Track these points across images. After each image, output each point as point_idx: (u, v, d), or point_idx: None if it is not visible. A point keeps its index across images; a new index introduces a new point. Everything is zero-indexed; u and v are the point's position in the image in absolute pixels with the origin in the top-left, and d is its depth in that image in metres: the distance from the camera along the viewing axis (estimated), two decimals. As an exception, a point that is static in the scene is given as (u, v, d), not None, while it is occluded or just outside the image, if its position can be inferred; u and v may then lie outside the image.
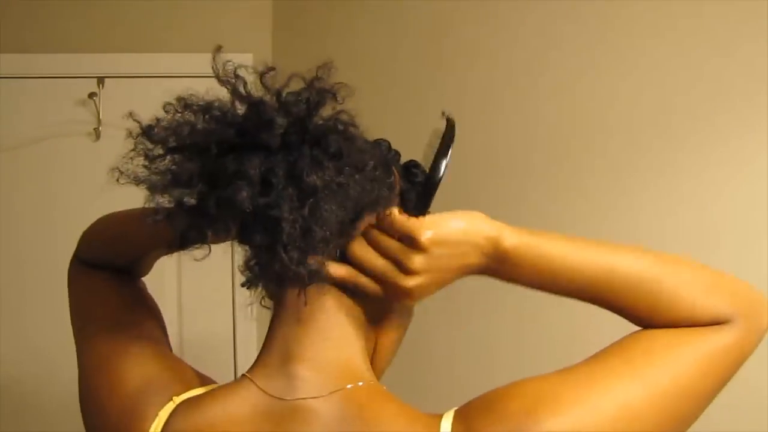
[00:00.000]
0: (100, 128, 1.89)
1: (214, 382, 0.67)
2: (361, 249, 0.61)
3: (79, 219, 0.78)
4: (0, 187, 1.89)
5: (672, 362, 0.57)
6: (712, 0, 1.45)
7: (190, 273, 1.85)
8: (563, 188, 1.57)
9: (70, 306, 0.78)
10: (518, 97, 1.64)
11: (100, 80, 1.88)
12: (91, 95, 1.88)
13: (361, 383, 0.59)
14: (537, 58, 1.62)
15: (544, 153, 1.60)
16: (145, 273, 0.84)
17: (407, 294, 0.60)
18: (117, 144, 0.65)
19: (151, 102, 0.63)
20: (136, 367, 0.65)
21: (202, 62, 2.29)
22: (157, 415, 0.60)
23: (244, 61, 0.60)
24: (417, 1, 1.76)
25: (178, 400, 0.61)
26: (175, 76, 1.92)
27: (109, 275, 0.79)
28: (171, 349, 0.73)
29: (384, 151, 0.70)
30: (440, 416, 0.56)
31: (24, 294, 1.84)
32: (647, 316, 0.60)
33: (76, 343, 0.74)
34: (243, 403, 0.59)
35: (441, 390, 1.62)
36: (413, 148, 0.68)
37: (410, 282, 0.59)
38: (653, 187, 1.49)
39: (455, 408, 0.57)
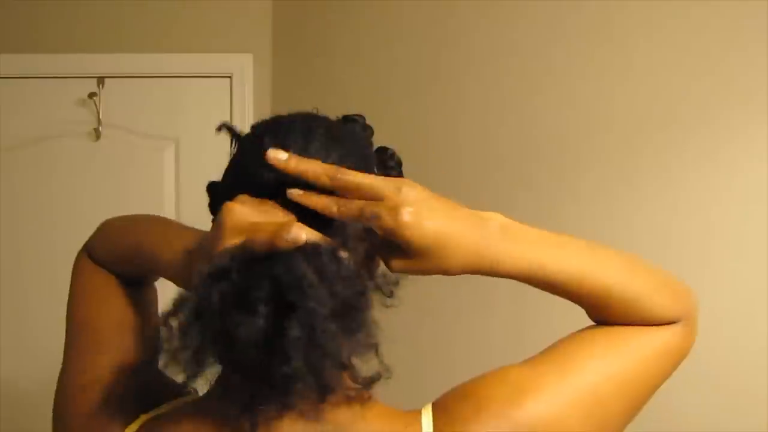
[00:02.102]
0: (100, 128, 1.89)
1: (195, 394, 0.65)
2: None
3: (79, 218, 0.79)
4: (0, 187, 1.89)
5: (629, 354, 0.61)
6: (714, 0, 1.45)
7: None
8: (564, 187, 1.57)
9: (72, 300, 0.73)
10: (519, 96, 1.64)
11: (100, 80, 1.89)
12: (91, 95, 1.88)
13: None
14: (538, 58, 1.62)
15: (545, 152, 1.60)
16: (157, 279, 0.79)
17: (404, 224, 0.54)
18: (117, 144, 0.65)
19: (151, 102, 0.62)
20: (109, 384, 0.64)
21: (202, 62, 2.31)
22: (123, 430, 0.60)
23: (244, 61, 0.58)
24: (417, 0, 1.76)
25: (145, 417, 0.60)
26: (175, 76, 1.93)
27: (120, 283, 0.73)
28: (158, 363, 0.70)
29: (359, 131, 0.68)
30: (418, 412, 0.56)
31: (24, 293, 1.85)
32: (609, 316, 0.62)
33: (66, 342, 0.71)
34: (212, 417, 0.57)
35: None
36: (414, 145, 0.68)
37: (403, 212, 0.54)
38: (653, 187, 1.49)
39: (431, 402, 0.58)
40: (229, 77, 1.92)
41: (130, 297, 0.73)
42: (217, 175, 0.65)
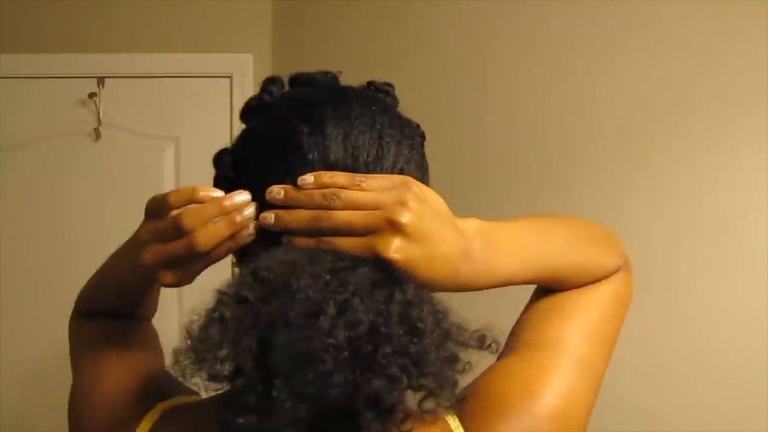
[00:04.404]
0: (100, 128, 1.89)
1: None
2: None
3: (79, 218, 0.78)
4: (0, 186, 1.89)
5: (596, 314, 0.65)
6: (715, 0, 1.45)
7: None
8: (563, 186, 1.57)
9: (72, 360, 0.74)
10: (525, 94, 1.64)
11: (100, 80, 1.89)
12: (91, 95, 1.88)
13: None
14: (539, 59, 1.62)
15: (548, 150, 1.60)
16: (152, 313, 0.80)
17: (402, 227, 0.50)
18: (117, 144, 0.65)
19: (151, 102, 0.62)
20: (118, 378, 0.64)
21: (202, 62, 2.30)
22: (143, 418, 0.59)
23: (244, 61, 0.57)
24: (418, 1, 1.76)
25: (163, 406, 0.60)
26: (175, 76, 1.93)
27: (108, 317, 0.75)
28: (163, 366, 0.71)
29: (390, 102, 0.67)
30: (443, 420, 0.56)
31: (25, 293, 1.84)
32: (564, 288, 0.66)
33: (73, 381, 0.71)
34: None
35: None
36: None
37: (404, 214, 0.50)
38: (652, 185, 1.49)
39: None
40: (229, 77, 1.92)
41: (121, 320, 0.74)
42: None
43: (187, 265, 0.54)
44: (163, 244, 0.53)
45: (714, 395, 1.39)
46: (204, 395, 0.63)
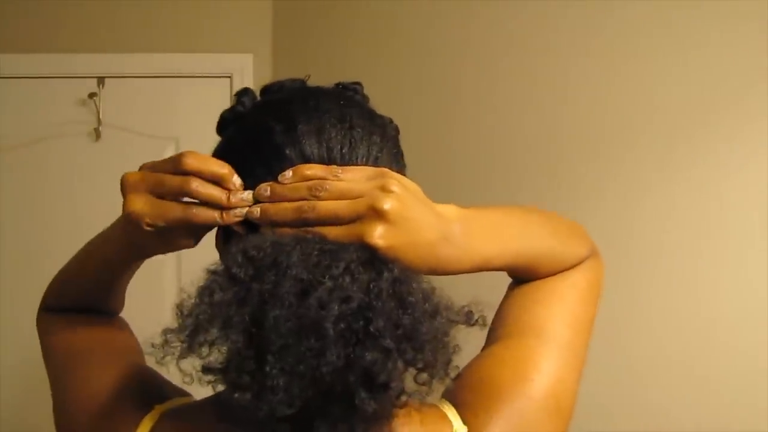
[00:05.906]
0: (100, 128, 1.89)
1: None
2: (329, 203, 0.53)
3: (78, 219, 0.78)
4: (0, 186, 1.89)
5: (574, 301, 0.67)
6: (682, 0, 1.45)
7: (190, 271, 1.85)
8: (560, 187, 1.57)
9: (44, 356, 0.72)
10: (522, 97, 1.64)
11: (100, 80, 1.89)
12: (91, 95, 1.88)
13: None
14: (541, 59, 1.62)
15: (542, 150, 1.60)
16: (119, 307, 0.80)
17: (385, 214, 0.51)
18: (117, 144, 0.65)
19: (151, 102, 0.62)
20: (109, 378, 0.63)
21: (202, 62, 2.30)
22: (139, 424, 0.58)
23: (244, 61, 0.57)
24: (418, 0, 1.76)
25: (161, 408, 0.59)
26: (175, 76, 1.93)
27: (77, 313, 0.75)
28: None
29: (361, 100, 0.67)
30: (437, 407, 0.57)
31: (25, 293, 1.84)
32: (537, 276, 0.68)
33: (51, 385, 0.69)
34: (239, 417, 0.54)
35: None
36: (415, 145, 0.68)
37: (388, 200, 0.51)
38: (654, 184, 1.49)
39: (442, 397, 0.59)
40: (229, 77, 1.92)
41: (94, 316, 0.75)
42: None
43: (164, 201, 0.55)
44: (161, 174, 0.57)
45: (713, 395, 1.39)
46: (195, 394, 0.63)
